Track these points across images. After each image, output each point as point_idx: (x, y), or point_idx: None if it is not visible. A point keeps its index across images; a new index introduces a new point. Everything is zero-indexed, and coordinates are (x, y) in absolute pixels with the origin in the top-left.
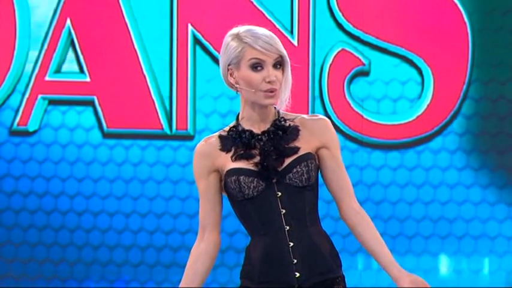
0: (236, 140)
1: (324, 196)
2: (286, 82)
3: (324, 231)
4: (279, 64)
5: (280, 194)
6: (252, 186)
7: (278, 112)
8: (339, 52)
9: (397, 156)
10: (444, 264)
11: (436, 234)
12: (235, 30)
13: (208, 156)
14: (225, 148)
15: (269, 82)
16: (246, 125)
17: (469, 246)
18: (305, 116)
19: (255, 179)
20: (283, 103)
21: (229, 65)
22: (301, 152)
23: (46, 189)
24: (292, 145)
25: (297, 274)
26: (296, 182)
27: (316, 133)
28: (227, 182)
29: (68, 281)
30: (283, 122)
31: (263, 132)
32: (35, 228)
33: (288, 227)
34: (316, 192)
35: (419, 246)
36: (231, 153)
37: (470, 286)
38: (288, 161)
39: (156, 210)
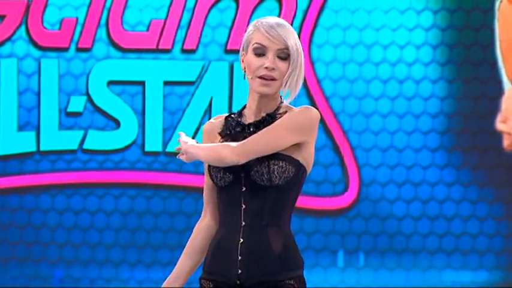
0: (229, 128)
1: (304, 193)
2: (293, 76)
3: (286, 233)
4: (286, 56)
5: (244, 189)
6: (219, 176)
7: (278, 107)
8: None
9: (379, 155)
10: (427, 263)
11: (417, 233)
12: (259, 19)
13: (208, 137)
14: (222, 132)
15: (266, 68)
16: (246, 113)
17: (450, 244)
18: (294, 108)
19: (222, 170)
20: (290, 96)
21: (242, 51)
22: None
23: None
24: None
25: (239, 271)
26: (258, 180)
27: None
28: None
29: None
30: (274, 116)
31: (249, 124)
32: (16, 227)
33: (243, 223)
34: (285, 194)
35: (400, 245)
36: (220, 139)
37: (452, 284)
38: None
39: (137, 209)
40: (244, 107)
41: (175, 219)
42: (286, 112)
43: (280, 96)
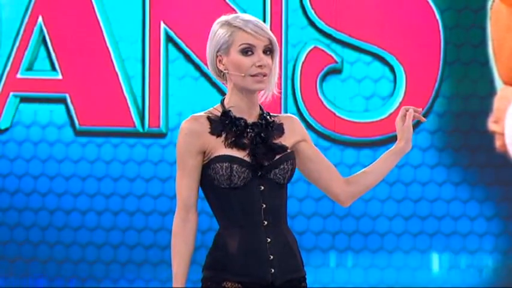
0: (227, 126)
1: (296, 194)
2: (275, 70)
3: (291, 230)
4: (269, 51)
5: (262, 188)
6: (242, 177)
7: (260, 107)
8: (311, 50)
9: (370, 154)
10: (417, 262)
11: (408, 232)
12: (223, 17)
13: (199, 136)
14: (215, 131)
15: (259, 66)
16: (235, 111)
17: (440, 243)
18: (282, 115)
19: (247, 170)
20: (270, 91)
21: (218, 52)
22: (288, 151)
23: (18, 187)
24: (278, 142)
25: (272, 270)
26: (279, 178)
27: (293, 131)
28: (215, 168)
29: (39, 280)
30: (268, 117)
31: (254, 123)
32: (6, 226)
33: (266, 222)
34: (286, 190)
35: (392, 244)
36: (221, 138)
37: (442, 284)
38: (276, 156)
39: (128, 208)
40: (223, 105)
41: (165, 219)
42: (276, 117)
43: None
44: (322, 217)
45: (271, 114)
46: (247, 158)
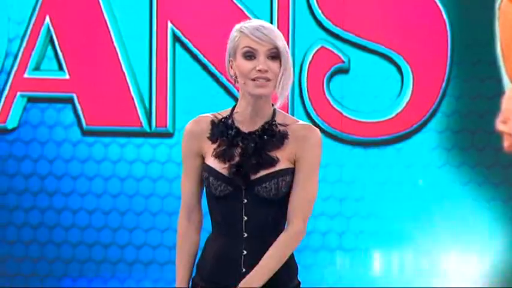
0: (222, 134)
1: None
2: (284, 76)
3: None
4: (276, 56)
5: (246, 201)
6: (219, 189)
7: (274, 113)
8: (318, 50)
9: (377, 154)
10: (424, 262)
11: (415, 232)
12: (240, 23)
13: (196, 139)
14: (212, 137)
15: (259, 71)
16: (237, 119)
17: (448, 243)
18: (300, 123)
19: (223, 184)
20: (282, 98)
21: (230, 57)
22: (278, 166)
23: (25, 186)
24: (273, 154)
25: None
26: (263, 194)
27: (299, 143)
28: (203, 173)
29: (47, 279)
30: (273, 126)
31: (250, 133)
32: (14, 226)
33: (246, 235)
34: (285, 202)
35: (399, 244)
36: (214, 145)
37: (449, 284)
38: (262, 172)
39: (135, 208)
40: (233, 109)
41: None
42: (288, 125)
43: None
44: (329, 217)
45: (284, 122)
46: (225, 172)
